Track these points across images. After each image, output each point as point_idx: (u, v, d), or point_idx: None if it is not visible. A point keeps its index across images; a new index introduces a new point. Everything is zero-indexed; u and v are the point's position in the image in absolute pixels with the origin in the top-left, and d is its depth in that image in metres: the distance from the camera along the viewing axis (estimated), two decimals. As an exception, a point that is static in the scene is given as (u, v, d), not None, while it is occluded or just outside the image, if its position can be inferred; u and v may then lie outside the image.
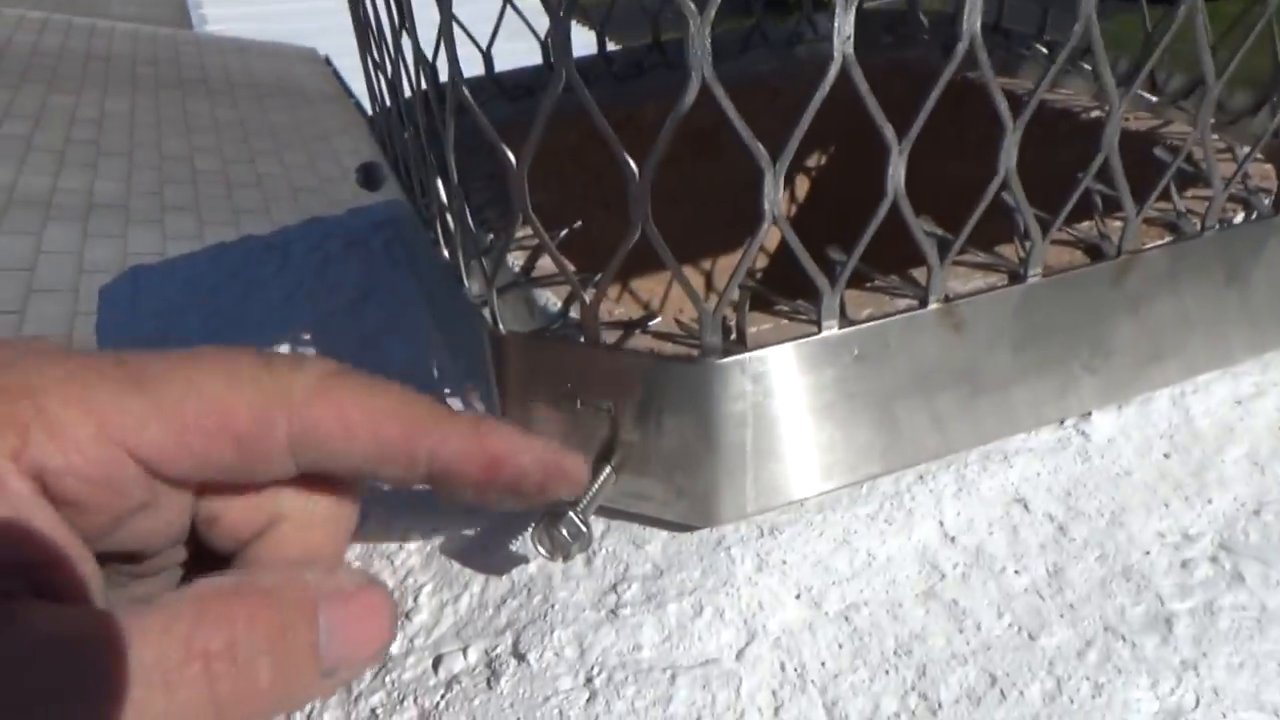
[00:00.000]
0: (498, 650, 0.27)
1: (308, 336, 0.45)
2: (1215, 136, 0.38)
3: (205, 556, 0.26)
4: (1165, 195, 0.33)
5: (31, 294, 2.56)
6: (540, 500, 0.26)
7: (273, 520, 0.25)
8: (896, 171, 0.25)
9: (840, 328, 0.27)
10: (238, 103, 4.47)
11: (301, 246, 0.54)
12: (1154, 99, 0.41)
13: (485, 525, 0.32)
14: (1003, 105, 0.25)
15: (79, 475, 0.21)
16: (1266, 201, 0.33)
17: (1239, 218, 0.32)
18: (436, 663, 0.28)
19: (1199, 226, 0.31)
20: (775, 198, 0.24)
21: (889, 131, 0.24)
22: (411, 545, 0.32)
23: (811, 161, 0.59)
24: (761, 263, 0.58)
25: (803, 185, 0.59)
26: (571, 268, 0.28)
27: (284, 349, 0.44)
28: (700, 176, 0.56)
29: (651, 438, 0.28)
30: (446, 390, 0.38)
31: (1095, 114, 0.43)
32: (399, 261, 0.50)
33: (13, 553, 0.20)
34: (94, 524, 0.22)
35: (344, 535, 0.27)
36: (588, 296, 0.27)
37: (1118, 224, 0.32)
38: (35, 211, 3.01)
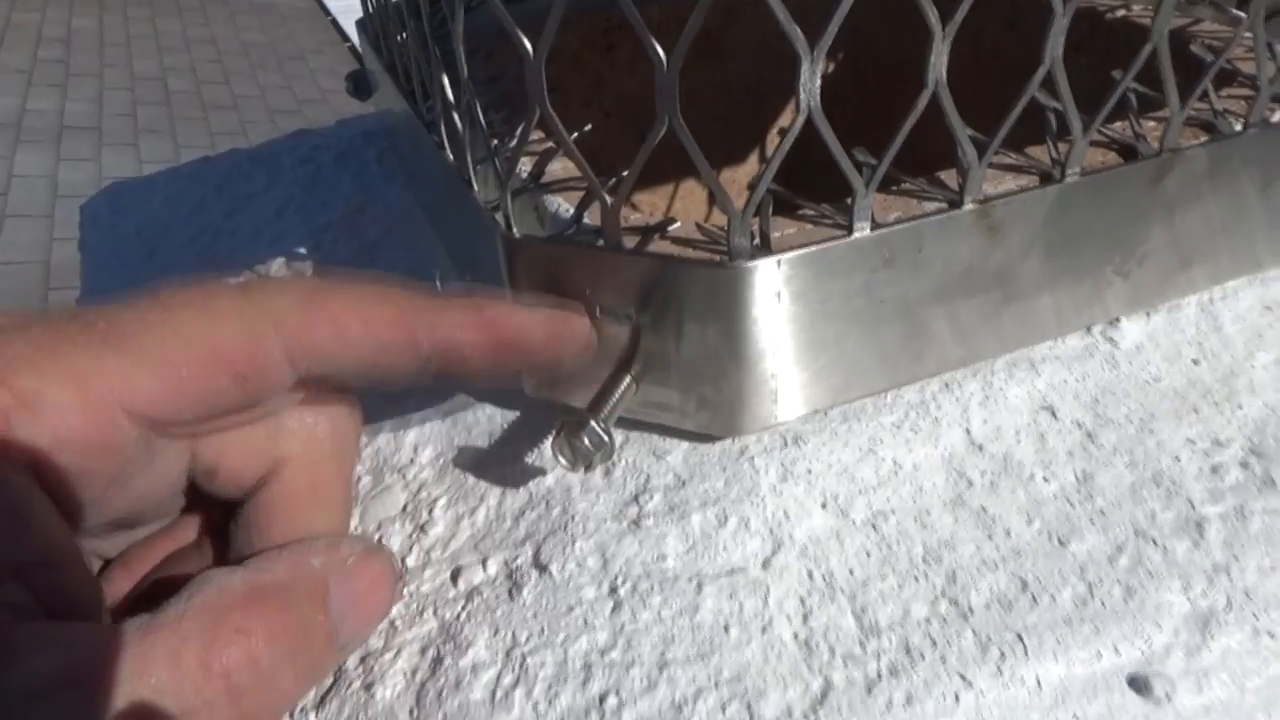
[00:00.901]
0: (518, 562, 0.27)
1: (302, 251, 0.43)
2: (1249, 34, 0.36)
3: (205, 503, 0.26)
4: (1203, 95, 0.31)
5: (5, 219, 2.51)
6: (551, 364, 0.26)
7: (276, 464, 0.24)
8: (938, 61, 0.24)
9: (871, 230, 0.26)
10: (209, 20, 4.32)
11: (290, 159, 0.52)
12: (1184, -4, 0.40)
13: (499, 437, 0.31)
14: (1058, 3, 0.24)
15: (73, 447, 0.19)
16: (1305, 101, 0.32)
17: (1278, 117, 0.31)
18: (455, 575, 0.27)
19: (1240, 126, 0.30)
20: (813, 87, 0.23)
21: (933, 15, 0.23)
22: (424, 459, 0.31)
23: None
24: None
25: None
26: (593, 174, 0.26)
27: (277, 264, 0.42)
28: (703, 85, 0.54)
29: (674, 346, 0.27)
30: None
31: (1121, 13, 0.41)
32: (394, 173, 0.48)
33: (11, 555, 0.18)
34: (94, 492, 0.21)
35: (349, 470, 0.26)
36: (609, 198, 0.26)
37: (1153, 124, 0.31)
38: (5, 134, 2.92)
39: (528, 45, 0.24)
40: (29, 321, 0.20)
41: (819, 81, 0.23)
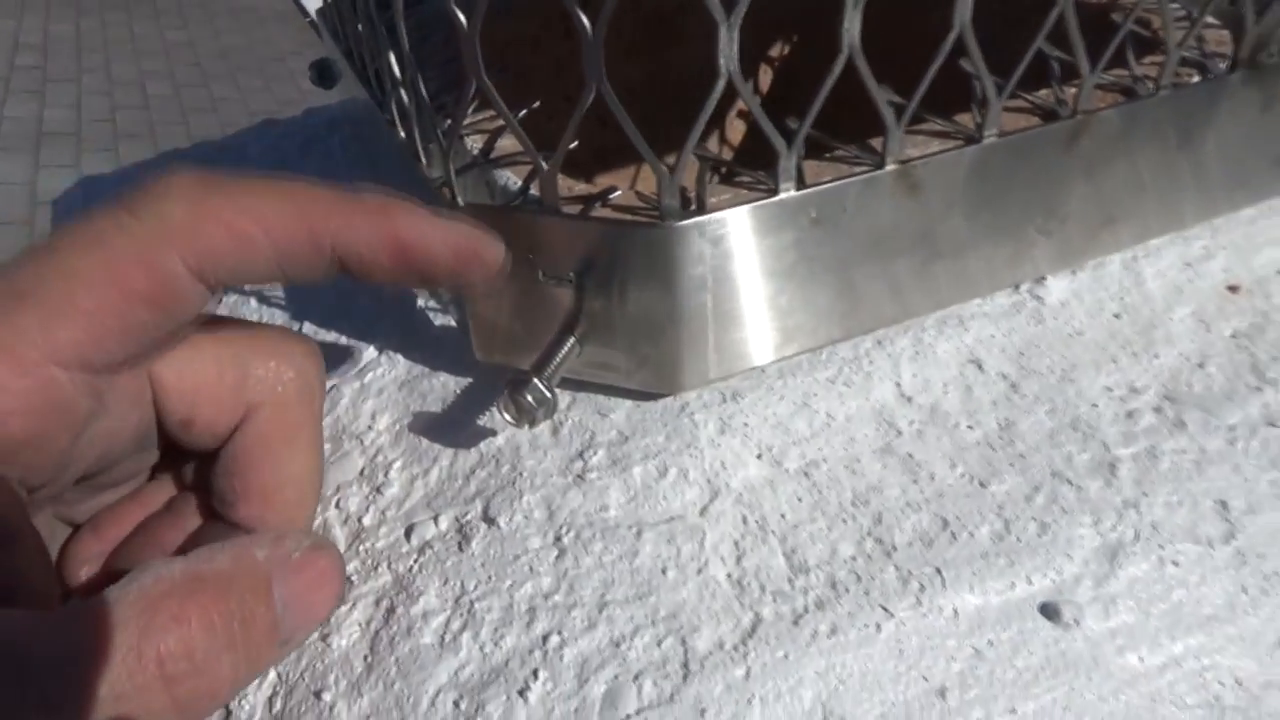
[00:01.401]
0: (468, 516, 0.28)
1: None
2: (1175, 4, 0.38)
3: (180, 456, 0.26)
4: (1123, 62, 0.33)
5: (-15, 226, 2.50)
6: (455, 284, 0.25)
7: (248, 410, 0.25)
8: (852, 25, 0.25)
9: (798, 190, 0.27)
10: (187, 23, 4.30)
11: (257, 148, 0.53)
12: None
13: (453, 402, 0.32)
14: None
15: (17, 416, 0.19)
16: (1221, 65, 0.33)
17: (1195, 80, 0.33)
18: (409, 531, 0.28)
19: (1153, 89, 0.31)
20: (730, 53, 0.24)
21: (842, -15, 0.24)
22: (381, 425, 0.32)
23: (775, 51, 0.58)
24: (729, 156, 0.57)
25: (766, 76, 0.58)
26: (531, 143, 0.27)
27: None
28: (664, 66, 0.55)
29: (614, 307, 0.28)
30: (410, 279, 0.38)
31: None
32: (358, 159, 0.49)
33: None
34: (54, 453, 0.21)
35: (317, 408, 0.27)
36: (545, 166, 0.27)
37: (1075, 90, 0.32)
38: (-17, 141, 2.91)
39: (461, 19, 0.25)
40: None
41: (736, 48, 0.24)
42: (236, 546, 0.22)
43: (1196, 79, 0.33)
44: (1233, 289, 0.33)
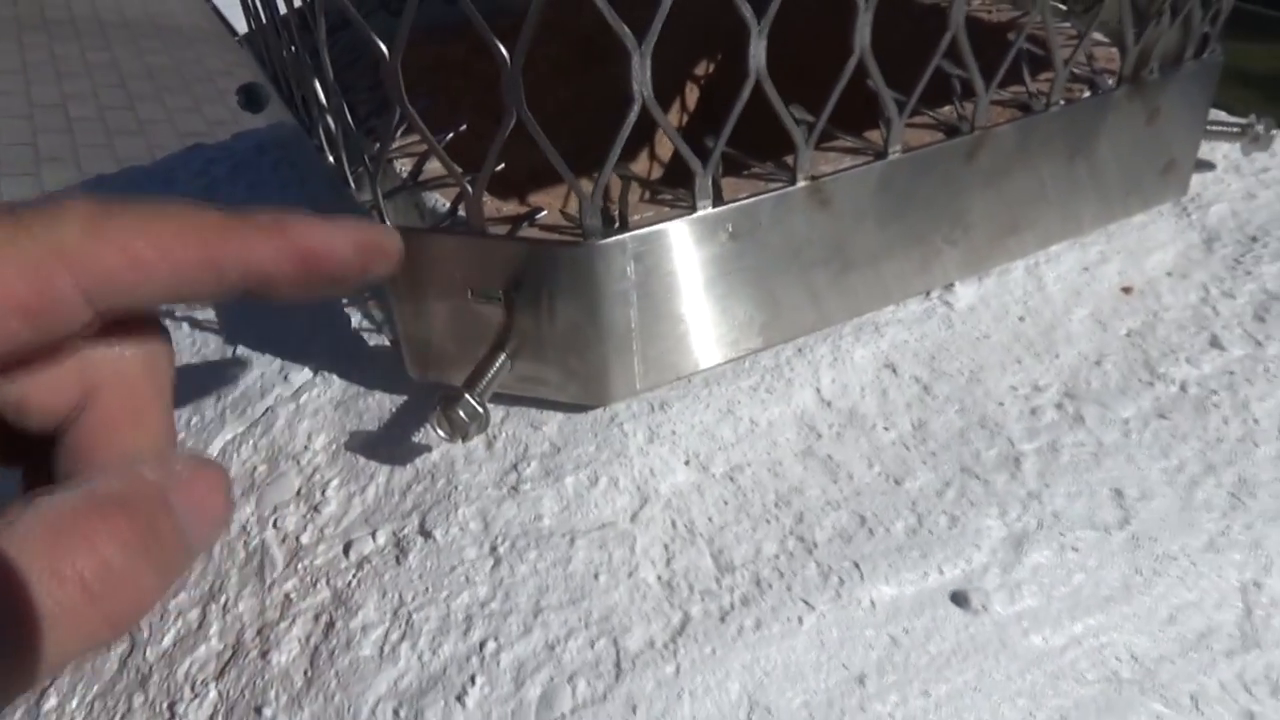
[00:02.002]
0: (405, 531, 0.29)
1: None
2: (1068, 24, 0.40)
3: (16, 443, 0.25)
4: (1020, 79, 0.35)
5: (-100, 255, 2.40)
6: (362, 280, 0.26)
7: (88, 389, 0.24)
8: (757, 51, 0.26)
9: (714, 207, 0.29)
10: (110, 44, 4.21)
11: (185, 174, 0.53)
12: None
13: (388, 421, 0.33)
14: (857, -9, 0.27)
15: None
16: (1110, 81, 0.36)
17: (1086, 96, 0.35)
18: (347, 548, 0.29)
19: (1045, 104, 0.33)
20: (644, 79, 0.25)
21: (747, 11, 0.25)
22: (317, 445, 0.32)
23: (702, 70, 0.60)
24: (660, 173, 0.59)
25: (694, 94, 0.60)
26: (456, 166, 0.28)
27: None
28: (592, 87, 0.57)
29: (542, 323, 0.29)
30: (345, 301, 0.39)
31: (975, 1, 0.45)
32: (287, 182, 0.49)
33: None
34: None
35: (165, 385, 0.26)
36: (469, 188, 0.28)
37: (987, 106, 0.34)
38: (-105, 167, 2.81)
39: (383, 48, 0.26)
40: None
41: (649, 74, 0.25)
42: (123, 470, 0.22)
43: (1087, 94, 0.35)
44: (1126, 290, 0.35)
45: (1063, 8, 0.43)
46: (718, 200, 0.29)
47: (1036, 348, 0.33)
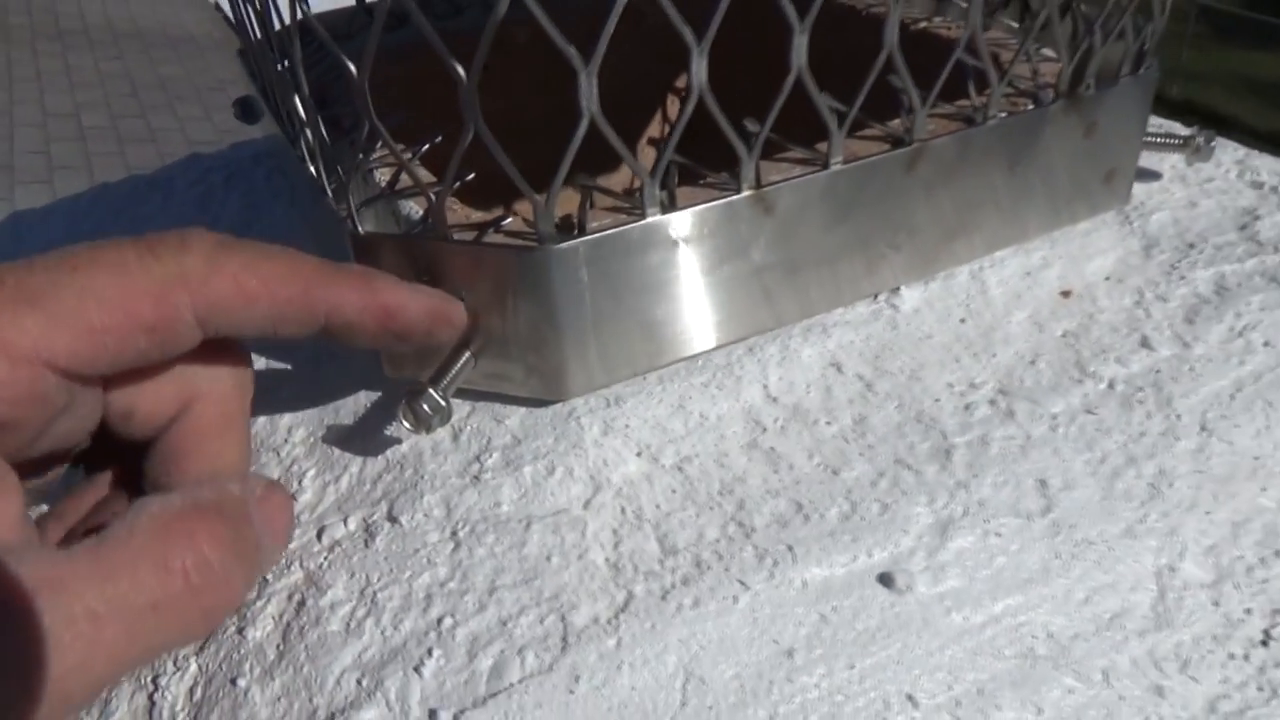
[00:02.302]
0: (374, 517, 0.31)
1: (193, 264, 0.46)
2: (1013, 40, 0.42)
3: (110, 448, 0.28)
4: (965, 93, 0.37)
5: (-86, 262, 2.44)
6: (426, 342, 0.29)
7: (185, 402, 0.27)
8: (699, 69, 0.28)
9: (664, 214, 0.31)
10: (123, 53, 4.26)
11: (183, 182, 0.55)
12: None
13: (363, 415, 0.35)
14: (790, 9, 0.29)
15: (3, 399, 0.22)
16: (1050, 95, 0.38)
17: (1026, 109, 0.37)
18: (320, 533, 0.31)
19: (982, 118, 0.35)
20: (591, 95, 0.27)
21: (688, 33, 0.28)
22: (296, 438, 0.35)
23: (682, 81, 0.62)
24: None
25: (674, 105, 0.62)
26: (426, 174, 0.31)
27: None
28: (572, 102, 0.59)
29: (504, 323, 0.31)
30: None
31: (922, 24, 0.47)
32: (279, 192, 0.52)
33: None
34: (22, 438, 0.23)
35: (248, 403, 0.29)
36: (433, 195, 0.30)
37: (924, 120, 0.36)
38: (-89, 175, 2.85)
39: (352, 68, 0.28)
40: None
41: (595, 92, 0.27)
42: (214, 482, 0.25)
43: (1030, 108, 0.37)
44: (1065, 294, 0.37)
45: (1013, 24, 0.45)
46: (667, 208, 0.31)
47: (975, 348, 0.35)
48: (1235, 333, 0.35)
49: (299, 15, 0.29)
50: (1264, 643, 0.28)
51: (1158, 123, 0.45)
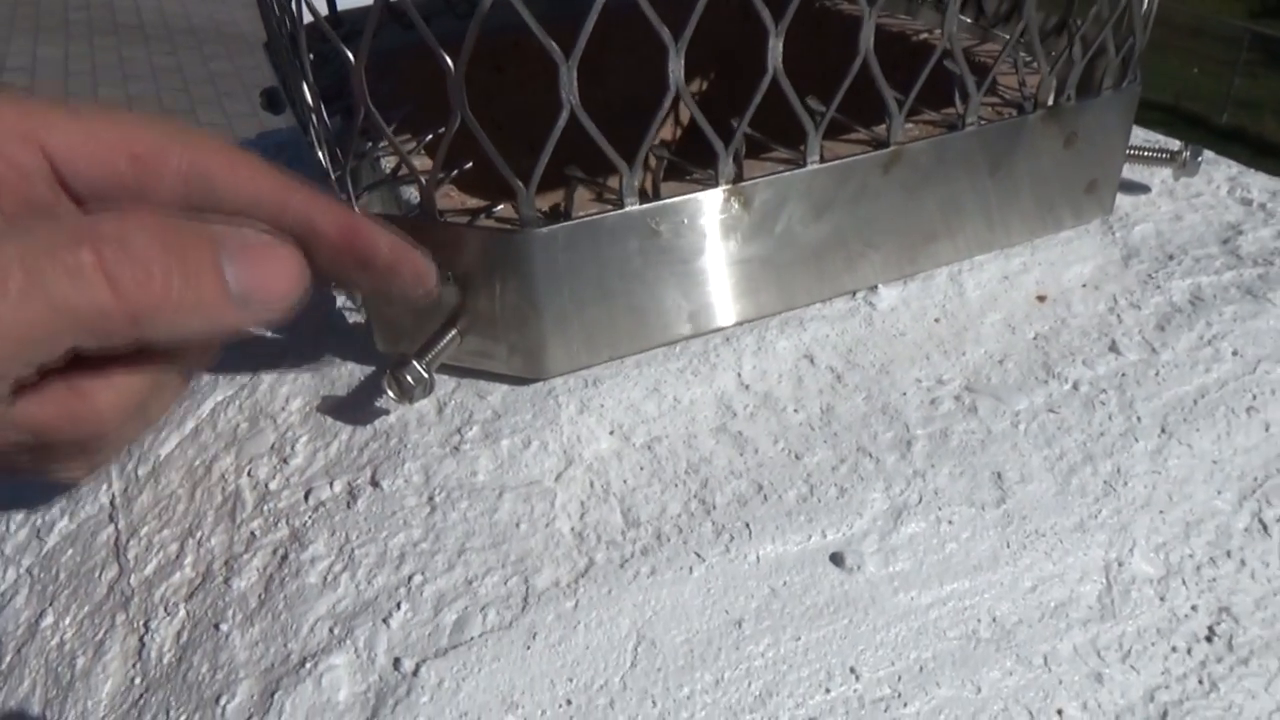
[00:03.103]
0: (358, 481, 0.33)
1: (213, 244, 0.49)
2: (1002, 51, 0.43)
3: None
4: (950, 101, 0.38)
5: (-34, 244, 2.52)
6: (388, 284, 0.29)
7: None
8: (676, 67, 0.30)
9: (641, 204, 0.32)
10: (176, 49, 4.37)
11: (211, 167, 0.57)
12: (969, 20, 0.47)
13: (356, 387, 0.37)
14: (765, 13, 0.30)
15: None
16: (1031, 105, 0.39)
17: (1007, 118, 0.38)
18: (307, 494, 0.33)
19: (962, 125, 0.36)
20: (571, 87, 0.29)
21: (665, 33, 0.29)
22: (293, 407, 0.36)
23: (694, 86, 0.64)
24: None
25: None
26: (417, 164, 0.32)
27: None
28: (586, 102, 0.61)
29: (490, 303, 0.33)
30: (331, 284, 0.43)
31: (924, 36, 0.48)
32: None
33: None
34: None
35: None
36: (424, 180, 0.32)
37: (909, 125, 0.38)
38: (-33, 161, 2.94)
39: (349, 55, 0.30)
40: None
41: (575, 84, 0.29)
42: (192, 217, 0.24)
43: (1013, 116, 0.38)
44: (1041, 299, 0.38)
45: (999, 34, 0.46)
46: (647, 198, 0.32)
47: (946, 346, 0.36)
48: (1205, 341, 0.36)
49: (305, 8, 0.31)
50: (1208, 638, 0.29)
51: (1151, 137, 0.45)
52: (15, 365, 0.20)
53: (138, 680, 0.29)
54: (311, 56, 0.38)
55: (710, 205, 0.33)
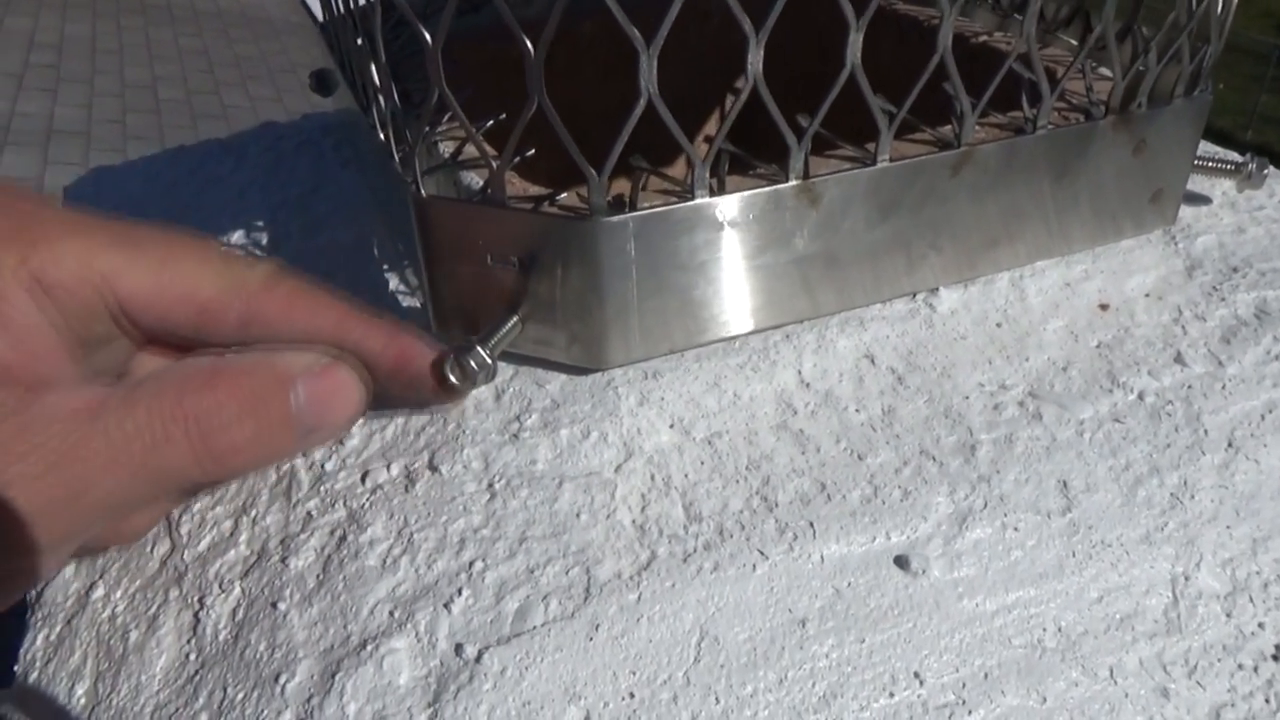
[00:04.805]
0: (416, 465, 0.32)
1: (260, 224, 0.49)
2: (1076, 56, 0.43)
3: None
4: (1018, 105, 0.37)
5: (-9, 218, 2.54)
6: (425, 404, 0.32)
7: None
8: (755, 59, 0.30)
9: (710, 197, 0.32)
10: (203, 30, 4.38)
11: (256, 147, 0.57)
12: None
13: (412, 372, 0.36)
14: (848, 7, 0.30)
15: (66, 292, 0.24)
16: (1101, 111, 0.38)
17: (1075, 122, 0.37)
18: (364, 476, 0.32)
19: (1033, 129, 0.36)
20: (650, 77, 0.29)
21: (747, 24, 0.29)
22: (347, 389, 0.36)
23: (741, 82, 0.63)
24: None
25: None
26: (490, 149, 0.32)
27: (237, 236, 0.48)
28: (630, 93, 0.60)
29: (552, 290, 0.33)
30: (385, 267, 0.43)
31: (983, 38, 0.47)
32: (347, 160, 0.54)
33: (16, 349, 0.24)
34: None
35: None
36: (494, 164, 0.31)
37: (976, 128, 0.37)
38: (-7, 135, 2.96)
39: (427, 36, 0.29)
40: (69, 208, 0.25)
41: (655, 73, 0.29)
42: (257, 351, 0.27)
43: (1081, 121, 0.38)
44: (1104, 307, 0.38)
45: (1074, 42, 0.45)
46: (715, 192, 0.32)
47: (1008, 351, 0.36)
48: (1272, 356, 0.36)
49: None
50: (1275, 657, 0.28)
51: (1212, 149, 0.45)
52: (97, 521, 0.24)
53: (193, 656, 0.29)
54: (357, 36, 0.38)
55: (779, 200, 0.33)
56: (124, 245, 0.25)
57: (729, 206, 0.32)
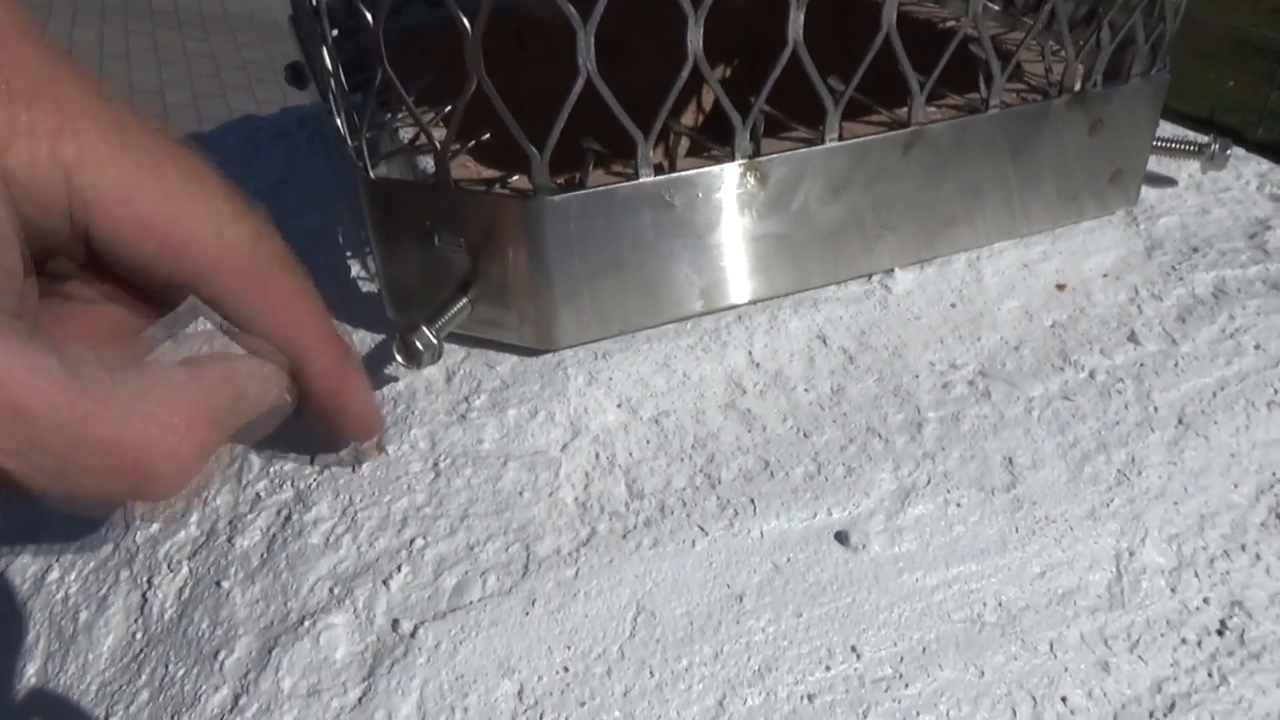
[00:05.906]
0: (364, 445, 0.33)
1: (232, 214, 0.49)
2: (1026, 34, 0.42)
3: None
4: (975, 85, 0.37)
5: None
6: (340, 438, 0.31)
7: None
8: (695, 37, 0.30)
9: (655, 176, 0.32)
10: (209, 35, 4.41)
11: (234, 139, 0.58)
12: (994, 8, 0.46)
13: (368, 354, 0.37)
14: (788, -15, 0.30)
15: (30, 193, 0.19)
16: (1056, 90, 0.38)
17: (1031, 102, 0.37)
18: (313, 457, 0.33)
19: (985, 108, 0.36)
20: (588, 54, 0.29)
21: (686, 3, 0.29)
22: (303, 372, 0.36)
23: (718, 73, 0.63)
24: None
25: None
26: (439, 132, 0.32)
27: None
28: (612, 86, 0.60)
29: (501, 271, 0.33)
30: (348, 254, 0.43)
31: (950, 24, 0.47)
32: (318, 152, 0.54)
33: None
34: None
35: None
36: (438, 146, 0.31)
37: (931, 109, 0.37)
38: (1, 140, 2.98)
39: (368, 16, 0.29)
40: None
41: (592, 51, 0.29)
42: (218, 363, 0.24)
43: (1036, 101, 0.38)
44: (1060, 287, 0.38)
45: (1028, 22, 0.45)
46: (662, 171, 0.32)
47: (961, 331, 0.36)
48: (1226, 334, 0.35)
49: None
50: (1219, 632, 0.28)
51: (1174, 130, 0.45)
52: None
53: (139, 635, 0.29)
54: (335, 32, 0.38)
55: (725, 179, 0.33)
56: (113, 140, 0.21)
57: (674, 185, 0.32)
